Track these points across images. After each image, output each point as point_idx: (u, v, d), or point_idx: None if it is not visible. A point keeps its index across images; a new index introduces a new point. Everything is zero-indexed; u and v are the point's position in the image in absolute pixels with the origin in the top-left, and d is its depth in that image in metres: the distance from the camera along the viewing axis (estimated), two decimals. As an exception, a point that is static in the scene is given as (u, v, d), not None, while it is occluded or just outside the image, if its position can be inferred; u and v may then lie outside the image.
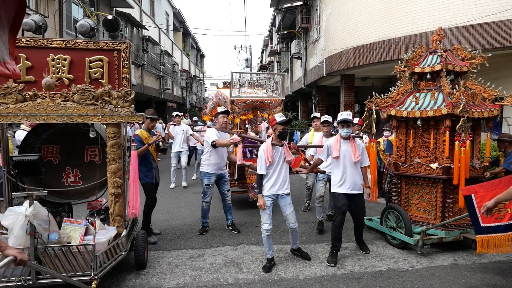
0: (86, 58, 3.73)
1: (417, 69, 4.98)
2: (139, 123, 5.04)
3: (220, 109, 5.48)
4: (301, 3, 16.96)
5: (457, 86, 4.62)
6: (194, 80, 34.56)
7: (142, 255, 4.02)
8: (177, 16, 29.03)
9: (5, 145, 4.00)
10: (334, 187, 4.46)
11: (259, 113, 6.91)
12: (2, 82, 3.50)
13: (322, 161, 4.69)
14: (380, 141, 6.94)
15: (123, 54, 3.81)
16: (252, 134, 6.87)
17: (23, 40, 3.61)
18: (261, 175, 4.13)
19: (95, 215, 4.26)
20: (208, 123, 8.01)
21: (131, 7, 15.87)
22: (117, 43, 3.80)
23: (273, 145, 4.16)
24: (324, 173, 5.24)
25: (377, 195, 5.44)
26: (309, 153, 5.87)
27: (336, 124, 6.85)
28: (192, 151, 10.29)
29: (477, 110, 4.55)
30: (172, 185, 8.88)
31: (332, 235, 4.37)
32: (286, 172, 4.24)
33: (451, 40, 8.04)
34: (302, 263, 4.28)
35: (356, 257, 4.45)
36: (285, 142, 4.34)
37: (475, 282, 3.81)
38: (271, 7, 20.08)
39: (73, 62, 3.71)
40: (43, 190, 3.49)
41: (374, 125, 5.27)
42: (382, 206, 6.02)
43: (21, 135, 5.68)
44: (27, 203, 3.13)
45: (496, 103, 4.73)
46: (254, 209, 6.39)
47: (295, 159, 5.51)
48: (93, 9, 13.09)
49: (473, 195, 3.80)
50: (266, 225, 4.09)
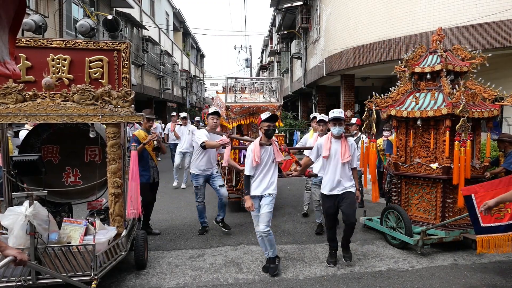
0: (86, 58, 3.73)
1: (417, 69, 4.98)
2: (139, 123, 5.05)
3: (210, 110, 5.40)
4: (301, 3, 16.96)
5: (457, 86, 4.62)
6: (194, 80, 34.58)
7: (142, 255, 4.02)
8: (177, 16, 29.04)
9: (5, 145, 4.00)
10: (322, 188, 4.28)
11: (255, 120, 6.81)
12: (2, 82, 3.50)
13: (312, 162, 4.44)
14: (379, 142, 6.93)
15: (123, 54, 3.81)
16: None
17: (23, 40, 3.61)
18: (249, 176, 3.96)
19: (95, 215, 4.26)
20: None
21: (131, 7, 15.87)
22: (117, 43, 3.80)
23: (261, 144, 3.97)
24: (316, 176, 4.98)
25: (377, 195, 5.43)
26: (307, 154, 5.74)
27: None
28: None
29: (477, 110, 4.55)
30: (175, 183, 8.95)
31: (327, 236, 4.37)
32: (274, 173, 4.02)
33: (451, 40, 8.03)
34: (302, 263, 4.28)
35: (356, 257, 4.45)
36: (275, 142, 4.14)
37: (475, 282, 3.80)
38: (271, 7, 20.08)
39: (73, 62, 3.71)
40: (43, 190, 3.49)
41: (374, 125, 5.26)
42: (382, 206, 6.01)
43: (24, 135, 5.68)
44: (27, 203, 3.13)
45: (496, 103, 4.73)
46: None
47: (285, 161, 5.38)
48: (93, 9, 13.09)
49: (473, 195, 3.80)
50: (258, 227, 3.99)
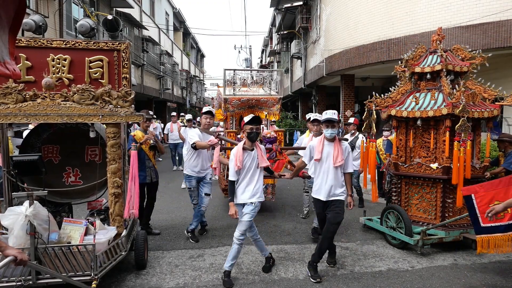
0: (86, 58, 3.73)
1: (417, 69, 4.98)
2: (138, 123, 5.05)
3: (204, 109, 5.33)
4: (301, 3, 16.95)
5: (457, 86, 4.62)
6: (194, 80, 34.57)
7: (142, 255, 4.02)
8: (177, 16, 29.03)
9: (5, 145, 4.00)
10: (312, 192, 4.17)
11: (257, 112, 6.79)
12: (2, 82, 3.50)
13: (305, 164, 4.28)
14: (379, 142, 6.92)
15: (123, 54, 3.81)
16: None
17: (23, 40, 3.61)
18: (233, 182, 3.81)
19: (95, 215, 4.26)
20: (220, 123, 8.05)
21: (131, 7, 15.87)
22: (117, 43, 3.80)
23: (244, 149, 3.80)
24: (309, 178, 4.74)
25: (377, 195, 5.43)
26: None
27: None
28: None
29: (477, 110, 4.55)
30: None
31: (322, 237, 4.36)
32: (259, 179, 3.85)
33: (451, 40, 8.03)
34: (302, 263, 4.28)
35: (356, 257, 4.45)
36: (260, 146, 3.98)
37: (475, 282, 3.81)
38: (271, 7, 20.07)
39: (73, 62, 3.72)
40: (43, 190, 3.49)
41: (374, 125, 5.26)
42: (382, 206, 6.01)
43: None
44: (27, 203, 3.13)
45: (496, 103, 4.73)
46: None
47: (278, 162, 5.28)
48: (93, 9, 13.08)
49: (473, 195, 3.80)
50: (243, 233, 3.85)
